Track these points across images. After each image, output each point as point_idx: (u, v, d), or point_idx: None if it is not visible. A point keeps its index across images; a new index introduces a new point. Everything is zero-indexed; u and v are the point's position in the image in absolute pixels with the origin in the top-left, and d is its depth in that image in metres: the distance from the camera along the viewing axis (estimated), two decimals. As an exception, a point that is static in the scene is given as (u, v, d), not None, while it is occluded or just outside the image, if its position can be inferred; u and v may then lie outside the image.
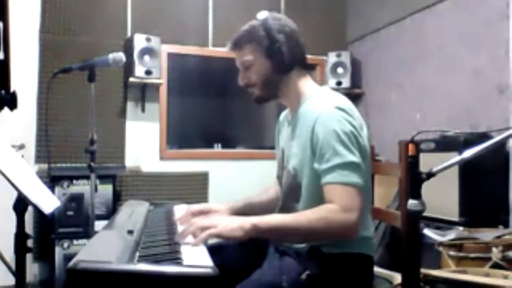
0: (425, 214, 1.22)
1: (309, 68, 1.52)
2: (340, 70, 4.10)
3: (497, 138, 1.14)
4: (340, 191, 1.27)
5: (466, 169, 2.47)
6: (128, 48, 3.48)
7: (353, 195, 1.26)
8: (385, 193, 2.92)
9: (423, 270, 1.65)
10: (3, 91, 1.54)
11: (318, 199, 1.33)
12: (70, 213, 3.07)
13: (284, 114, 1.65)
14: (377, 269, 1.75)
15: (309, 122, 1.36)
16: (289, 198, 1.47)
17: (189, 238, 1.23)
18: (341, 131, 1.30)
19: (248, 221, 1.24)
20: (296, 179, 1.43)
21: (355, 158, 1.29)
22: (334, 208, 1.25)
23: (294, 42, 1.45)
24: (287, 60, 1.43)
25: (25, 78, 3.34)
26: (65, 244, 3.04)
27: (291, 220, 1.30)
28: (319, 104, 1.38)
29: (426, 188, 1.16)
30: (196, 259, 1.05)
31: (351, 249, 1.38)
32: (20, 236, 1.55)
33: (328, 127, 1.30)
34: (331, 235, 1.30)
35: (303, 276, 1.31)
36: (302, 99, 1.47)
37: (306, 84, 1.49)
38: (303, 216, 1.29)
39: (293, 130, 1.48)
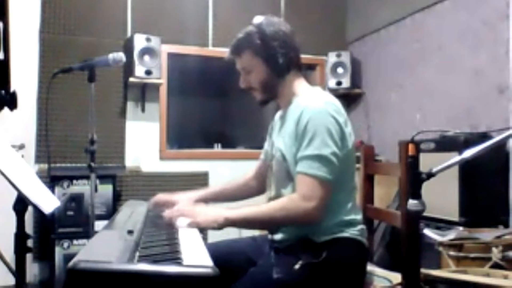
0: (425, 214, 1.22)
1: (303, 69, 1.61)
2: (340, 70, 4.10)
3: (497, 138, 1.15)
4: (304, 180, 1.37)
5: (466, 169, 2.47)
6: (128, 48, 3.48)
7: (314, 186, 1.36)
8: (385, 193, 2.92)
9: (423, 270, 1.65)
10: (3, 91, 1.54)
11: None
12: (70, 213, 3.07)
13: (278, 114, 1.71)
14: (377, 269, 1.75)
15: (296, 113, 1.44)
16: (279, 185, 1.54)
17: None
18: (322, 124, 1.38)
19: (221, 215, 1.37)
20: (283, 165, 1.50)
21: (327, 152, 1.37)
22: (294, 197, 1.38)
23: (289, 46, 1.53)
24: (283, 65, 1.51)
25: (25, 78, 3.34)
26: (65, 244, 3.04)
27: (257, 211, 1.41)
28: (307, 99, 1.47)
29: (426, 188, 1.16)
30: (196, 259, 1.05)
31: (339, 234, 1.44)
32: (20, 236, 1.55)
33: (311, 118, 1.39)
34: (291, 221, 1.42)
35: (296, 266, 1.37)
36: (294, 97, 1.54)
37: (300, 85, 1.57)
38: (267, 207, 1.43)
39: (282, 124, 1.57)
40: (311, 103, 1.43)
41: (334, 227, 1.43)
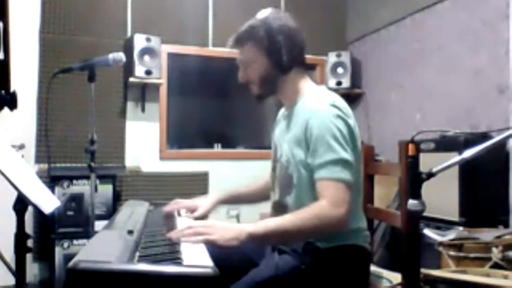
0: (425, 214, 1.22)
1: (307, 68, 1.57)
2: (340, 70, 4.10)
3: (497, 138, 1.15)
4: (330, 186, 1.31)
5: (466, 169, 2.47)
6: (128, 48, 3.48)
7: (342, 191, 1.30)
8: (385, 193, 2.92)
9: (423, 270, 1.66)
10: (3, 91, 1.54)
11: (308, 191, 1.38)
12: (70, 213, 3.07)
13: (281, 111, 1.67)
14: (377, 269, 1.75)
15: (304, 117, 1.40)
16: (283, 191, 1.51)
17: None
18: (336, 128, 1.34)
19: (243, 230, 1.24)
20: (287, 171, 1.47)
21: (347, 155, 1.33)
22: (324, 204, 1.29)
23: (293, 42, 1.48)
24: (286, 60, 1.47)
25: (25, 78, 3.34)
26: (65, 244, 3.04)
27: (285, 222, 1.30)
28: (315, 101, 1.42)
29: (426, 188, 1.16)
30: (196, 259, 1.05)
31: (345, 241, 1.41)
32: (20, 236, 1.55)
33: (323, 123, 1.35)
34: (323, 230, 1.32)
35: (299, 269, 1.35)
36: (299, 96, 1.51)
37: (304, 83, 1.53)
38: (295, 217, 1.31)
39: (287, 125, 1.53)
40: (319, 107, 1.38)
41: (340, 235, 1.39)
